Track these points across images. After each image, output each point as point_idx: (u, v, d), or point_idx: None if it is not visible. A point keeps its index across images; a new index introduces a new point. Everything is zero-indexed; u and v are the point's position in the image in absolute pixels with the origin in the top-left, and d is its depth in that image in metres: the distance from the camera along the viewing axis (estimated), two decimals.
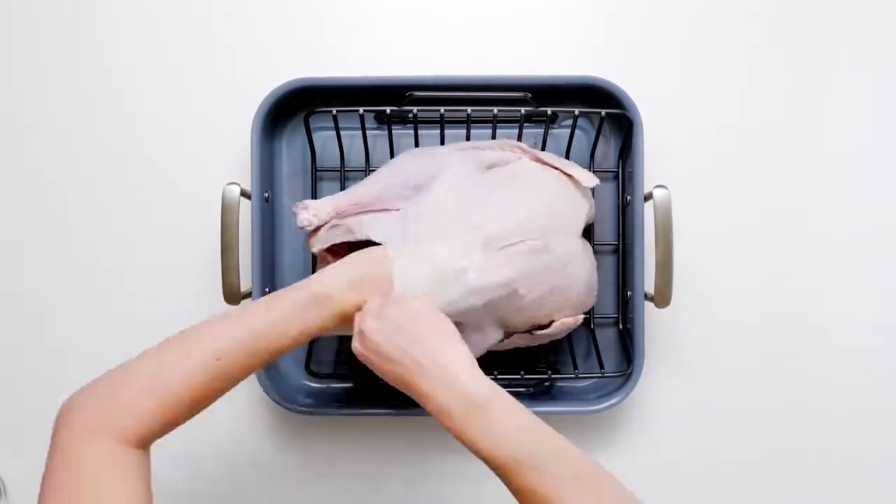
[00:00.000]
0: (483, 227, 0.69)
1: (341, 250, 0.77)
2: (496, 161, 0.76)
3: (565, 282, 0.71)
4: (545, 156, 0.76)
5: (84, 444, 0.54)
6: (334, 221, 0.74)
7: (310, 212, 0.73)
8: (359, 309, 0.65)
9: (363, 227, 0.72)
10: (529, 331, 0.75)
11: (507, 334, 0.75)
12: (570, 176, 0.75)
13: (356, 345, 0.64)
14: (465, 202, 0.71)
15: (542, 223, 0.70)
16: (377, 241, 0.70)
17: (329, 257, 0.75)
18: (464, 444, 0.58)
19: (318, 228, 0.74)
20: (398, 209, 0.73)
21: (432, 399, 0.59)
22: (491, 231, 0.69)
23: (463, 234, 0.69)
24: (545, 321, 0.74)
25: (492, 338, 0.74)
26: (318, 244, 0.74)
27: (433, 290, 0.67)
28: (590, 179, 0.75)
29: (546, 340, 0.78)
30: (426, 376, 0.59)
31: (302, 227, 0.73)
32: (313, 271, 0.79)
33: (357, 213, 0.73)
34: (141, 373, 0.58)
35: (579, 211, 0.74)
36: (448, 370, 0.59)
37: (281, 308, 0.63)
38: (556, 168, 0.75)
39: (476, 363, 0.61)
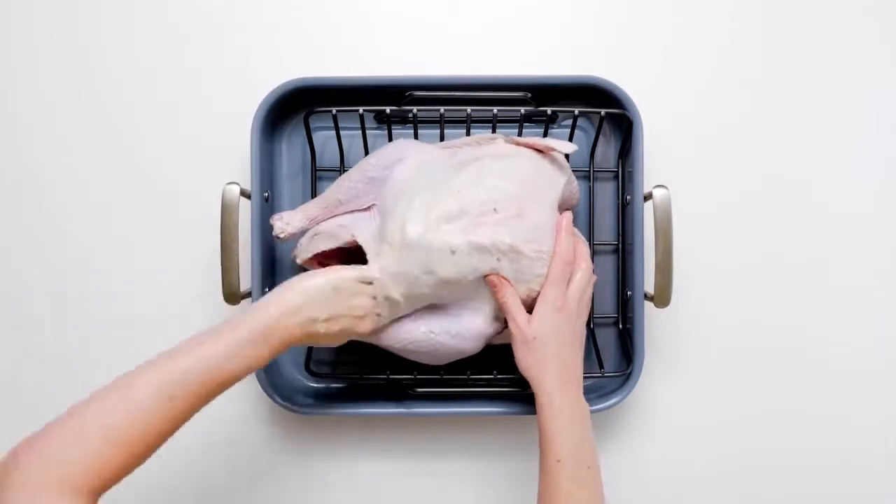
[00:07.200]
0: (456, 200, 0.69)
1: (333, 258, 0.78)
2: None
3: (545, 249, 0.71)
4: (521, 139, 0.76)
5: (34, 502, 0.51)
6: (315, 230, 0.76)
7: (283, 220, 0.76)
8: (306, 330, 0.64)
9: (345, 230, 0.74)
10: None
11: (505, 323, 0.75)
12: (544, 152, 0.75)
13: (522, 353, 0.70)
14: (435, 182, 0.71)
15: (515, 193, 0.70)
16: (360, 241, 0.72)
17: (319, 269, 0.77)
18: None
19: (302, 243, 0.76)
20: (368, 206, 0.74)
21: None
22: (464, 203, 0.69)
23: (435, 208, 0.69)
24: (536, 297, 0.73)
25: (490, 327, 0.74)
26: (302, 254, 0.76)
27: (418, 270, 0.68)
28: (567, 146, 0.75)
29: None
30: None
31: (277, 237, 0.76)
32: None
33: (329, 218, 0.76)
34: (89, 419, 0.55)
35: (554, 183, 0.74)
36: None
37: (225, 346, 0.60)
38: (531, 146, 0.75)
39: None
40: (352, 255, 0.79)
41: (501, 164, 0.72)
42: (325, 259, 0.78)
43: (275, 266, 0.84)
